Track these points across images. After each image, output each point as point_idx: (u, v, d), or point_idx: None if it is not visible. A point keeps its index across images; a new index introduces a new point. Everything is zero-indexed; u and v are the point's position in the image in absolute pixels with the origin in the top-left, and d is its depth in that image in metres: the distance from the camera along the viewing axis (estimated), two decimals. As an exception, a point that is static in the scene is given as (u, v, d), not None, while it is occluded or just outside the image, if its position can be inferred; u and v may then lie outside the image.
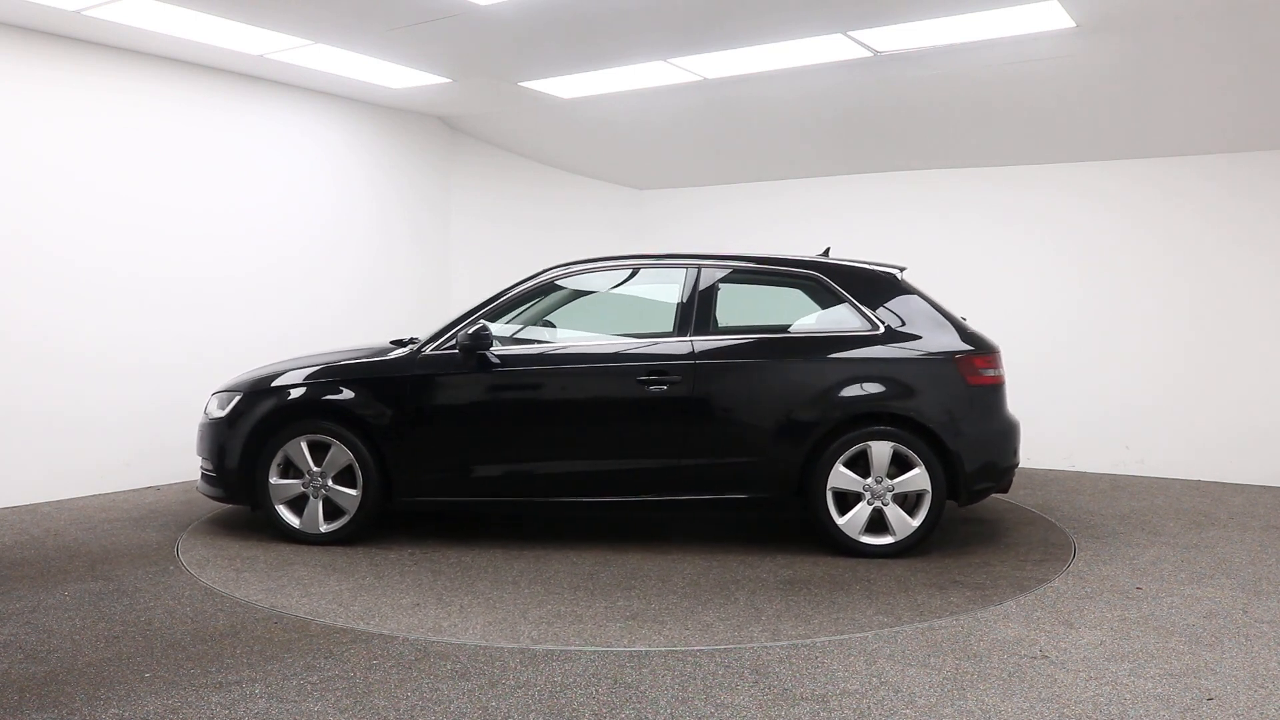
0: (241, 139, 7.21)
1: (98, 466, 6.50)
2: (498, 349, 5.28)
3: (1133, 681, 3.42)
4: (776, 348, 5.22)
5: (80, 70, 6.31)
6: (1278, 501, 6.49)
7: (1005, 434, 5.25)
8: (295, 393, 5.31)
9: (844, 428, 5.06)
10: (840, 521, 5.05)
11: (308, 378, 5.35)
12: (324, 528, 5.26)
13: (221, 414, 5.41)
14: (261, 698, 3.26)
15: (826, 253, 5.71)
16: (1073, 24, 5.52)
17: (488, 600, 4.37)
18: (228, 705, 3.20)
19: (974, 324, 5.51)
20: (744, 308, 5.60)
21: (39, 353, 6.17)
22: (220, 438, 5.37)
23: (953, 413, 5.06)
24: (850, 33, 5.78)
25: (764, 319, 5.59)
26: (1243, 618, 4.12)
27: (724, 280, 5.40)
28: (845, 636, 3.87)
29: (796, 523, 5.73)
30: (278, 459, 5.27)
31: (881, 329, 5.18)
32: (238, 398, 5.41)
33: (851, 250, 6.77)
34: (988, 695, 3.30)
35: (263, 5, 5.59)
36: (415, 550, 5.22)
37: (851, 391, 5.07)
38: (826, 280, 5.32)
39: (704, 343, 5.18)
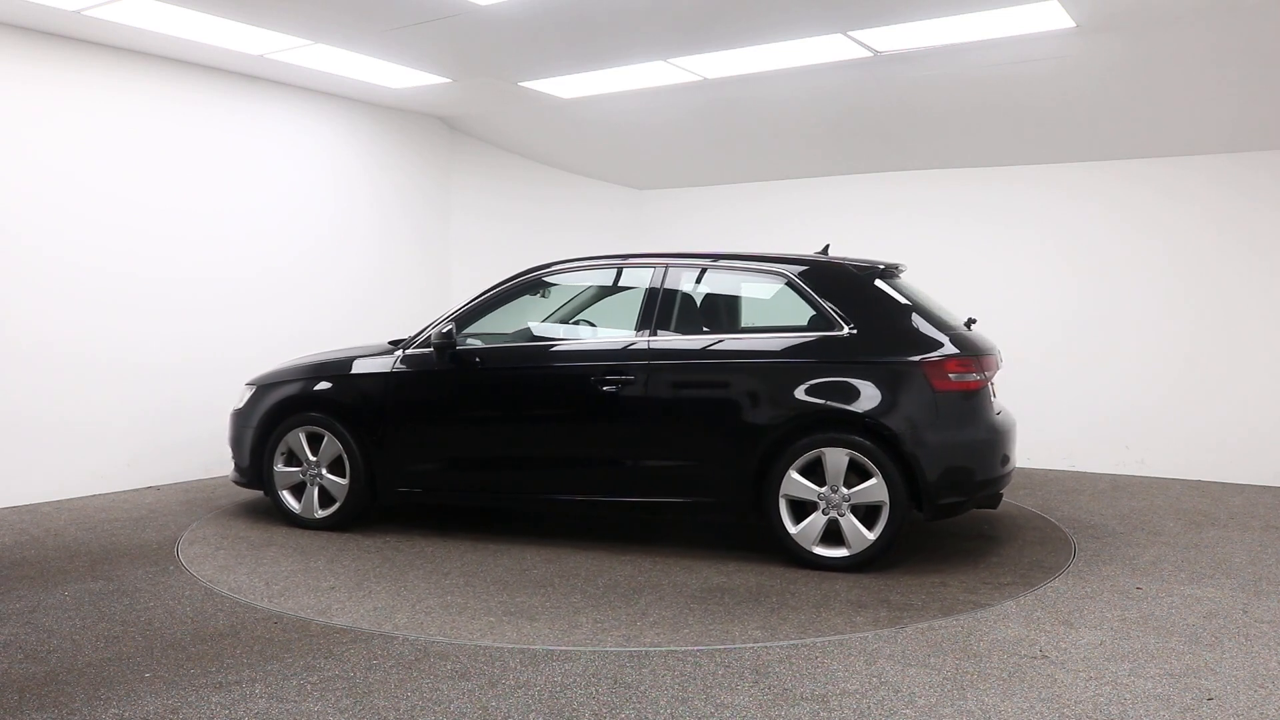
0: (242, 139, 7.21)
1: (98, 466, 6.50)
2: (468, 347, 5.46)
3: (1133, 681, 3.42)
4: (733, 348, 5.02)
5: (80, 70, 6.31)
6: (1278, 501, 6.49)
7: (982, 444, 4.85)
8: (295, 387, 5.69)
9: (798, 432, 4.80)
10: (793, 531, 4.80)
11: (308, 374, 5.72)
12: (319, 514, 5.61)
13: (240, 406, 5.88)
14: (261, 698, 3.26)
15: (825, 250, 5.60)
16: (1073, 24, 5.52)
17: (400, 588, 4.53)
18: (228, 705, 3.20)
19: (981, 325, 5.47)
20: (714, 307, 5.46)
21: (39, 353, 6.17)
22: (239, 428, 5.84)
23: (914, 420, 4.68)
24: (850, 33, 5.78)
25: (732, 318, 5.49)
26: (1243, 618, 4.12)
27: (690, 279, 5.32)
28: (845, 636, 3.86)
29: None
30: (281, 448, 5.68)
31: (846, 329, 4.87)
32: (252, 391, 5.86)
33: (851, 251, 6.77)
34: (988, 695, 3.30)
35: (263, 5, 5.59)
36: (392, 539, 5.43)
37: (806, 394, 4.79)
38: (795, 279, 5.08)
39: (661, 342, 5.12)
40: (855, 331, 4.86)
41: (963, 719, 3.12)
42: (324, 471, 5.59)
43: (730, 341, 5.06)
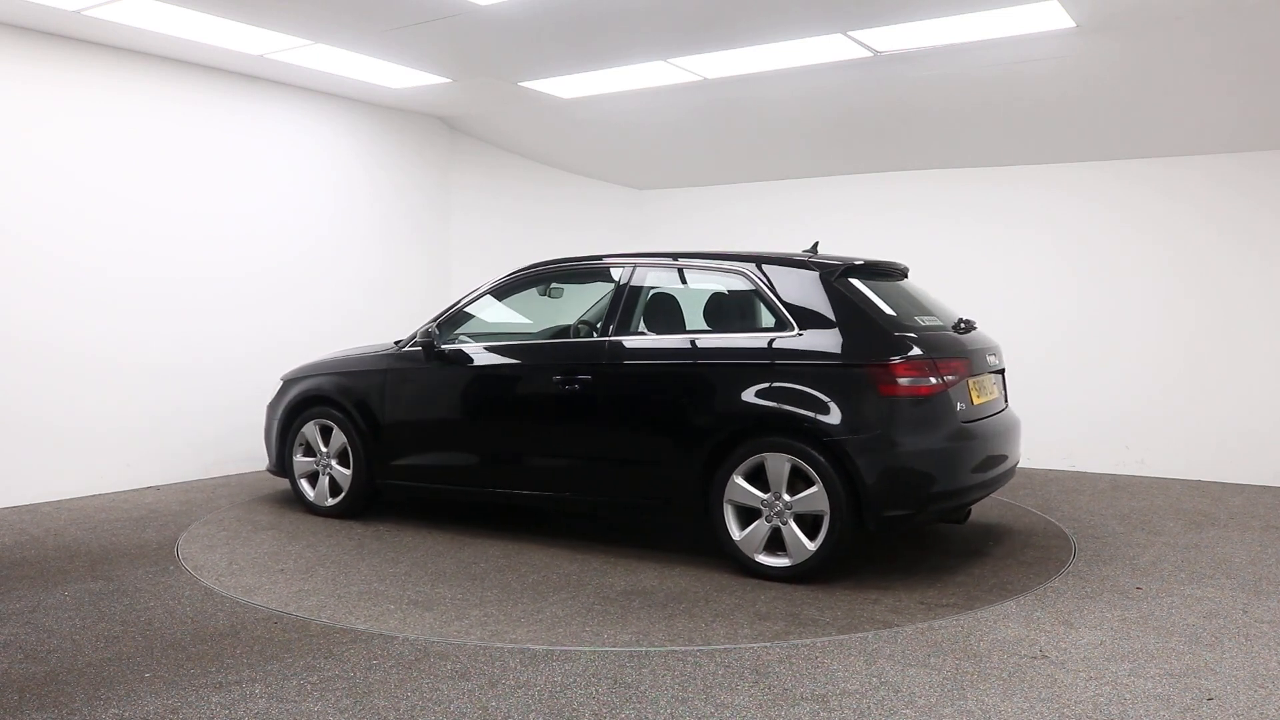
0: (242, 139, 7.21)
1: (98, 466, 6.49)
2: (455, 346, 5.59)
3: (1133, 681, 3.42)
4: (684, 348, 4.94)
5: (80, 70, 6.31)
6: (1278, 501, 6.49)
7: (940, 453, 4.52)
8: (311, 382, 6.02)
9: (742, 437, 4.66)
10: (737, 537, 4.67)
11: (323, 370, 6.06)
12: (329, 502, 5.94)
13: (272, 399, 6.28)
14: (261, 698, 3.26)
15: (815, 248, 5.49)
16: (1073, 24, 5.52)
17: (341, 574, 4.72)
18: (228, 705, 3.20)
19: (981, 325, 5.46)
20: (675, 308, 5.36)
21: (39, 354, 6.17)
22: (270, 420, 6.24)
23: (856, 426, 4.44)
24: (850, 33, 5.78)
25: (694, 319, 5.37)
26: (1243, 618, 4.12)
27: (654, 280, 5.28)
28: (845, 636, 3.86)
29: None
30: (299, 440, 6.06)
31: (795, 330, 4.70)
32: (280, 386, 6.26)
33: (850, 251, 6.76)
34: (988, 695, 3.30)
35: (263, 5, 5.59)
36: (383, 528, 5.67)
37: (750, 397, 4.65)
38: (754, 278, 4.92)
39: (617, 343, 5.10)
40: (803, 333, 4.68)
41: (963, 719, 3.12)
42: (333, 463, 5.89)
43: (683, 342, 4.99)
